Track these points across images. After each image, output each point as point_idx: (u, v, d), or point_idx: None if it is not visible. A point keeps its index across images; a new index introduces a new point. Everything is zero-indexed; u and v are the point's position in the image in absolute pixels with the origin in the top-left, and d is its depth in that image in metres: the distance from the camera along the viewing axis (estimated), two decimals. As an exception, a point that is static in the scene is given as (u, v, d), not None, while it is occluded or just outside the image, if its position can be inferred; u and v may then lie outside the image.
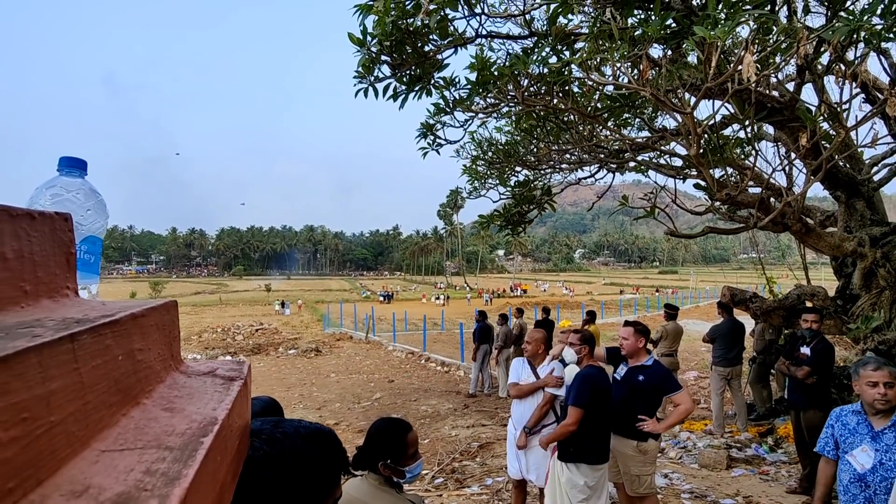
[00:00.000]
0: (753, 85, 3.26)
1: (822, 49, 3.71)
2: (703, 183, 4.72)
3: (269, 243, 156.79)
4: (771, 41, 3.48)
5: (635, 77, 3.58)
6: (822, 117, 4.02)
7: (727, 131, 5.27)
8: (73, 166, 0.64)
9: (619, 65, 3.60)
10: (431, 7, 3.70)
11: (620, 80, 3.70)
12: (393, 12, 3.85)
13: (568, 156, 6.55)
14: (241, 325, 22.30)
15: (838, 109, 3.71)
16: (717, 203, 4.81)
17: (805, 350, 4.60)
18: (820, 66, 4.24)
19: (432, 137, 5.25)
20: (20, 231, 0.32)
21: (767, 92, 4.36)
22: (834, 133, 4.15)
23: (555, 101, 4.33)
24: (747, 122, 4.16)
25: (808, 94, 4.41)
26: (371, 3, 3.86)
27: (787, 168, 4.66)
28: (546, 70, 4.04)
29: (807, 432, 4.48)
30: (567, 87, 4.27)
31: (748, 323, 6.77)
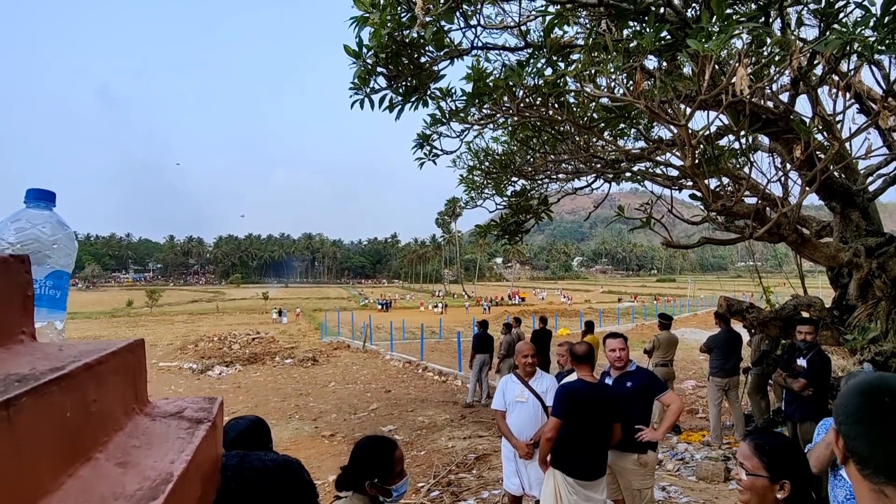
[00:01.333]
0: (748, 97, 3.27)
1: (816, 62, 3.73)
2: (698, 193, 4.73)
3: (267, 251, 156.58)
4: (765, 53, 3.50)
5: (630, 88, 3.59)
6: (816, 128, 4.04)
7: (722, 142, 5.29)
8: (41, 198, 0.63)
9: (613, 76, 3.61)
10: (427, 19, 3.71)
11: (615, 91, 3.71)
12: (389, 24, 3.86)
13: (564, 165, 6.57)
14: (238, 334, 22.19)
15: (832, 120, 3.72)
16: (713, 213, 4.81)
17: (801, 362, 4.59)
18: (814, 77, 4.26)
19: (429, 148, 5.25)
20: (-34, 280, 0.30)
21: (762, 103, 4.38)
22: (828, 144, 4.17)
23: (550, 112, 4.34)
24: (742, 134, 4.18)
25: (803, 105, 4.45)
26: (367, 15, 3.87)
27: (782, 179, 4.67)
28: (541, 81, 4.05)
29: (803, 444, 4.45)
30: (562, 99, 4.29)
31: (745, 333, 6.76)
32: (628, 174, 6.31)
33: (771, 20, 3.66)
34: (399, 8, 3.88)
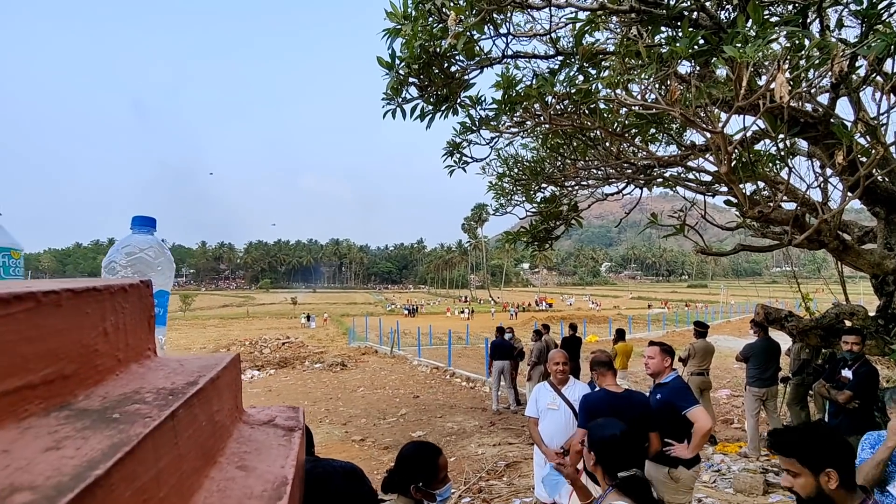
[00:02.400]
0: (786, 103, 3.21)
1: (858, 63, 3.63)
2: (734, 199, 4.63)
3: (296, 257, 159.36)
4: (804, 57, 3.42)
5: (663, 95, 3.56)
6: (858, 132, 3.92)
7: (758, 146, 5.18)
8: (144, 224, 0.69)
9: (646, 83, 3.59)
10: (458, 29, 3.76)
11: (648, 98, 3.69)
12: (420, 35, 3.93)
13: (595, 172, 6.52)
14: (268, 339, 22.64)
15: (876, 124, 3.61)
16: (749, 220, 4.71)
17: (847, 373, 4.44)
18: (855, 78, 4.14)
19: (458, 156, 5.30)
20: (117, 305, 0.35)
21: (801, 107, 4.28)
22: (872, 149, 4.04)
23: (581, 119, 4.34)
24: (780, 138, 4.09)
25: (844, 108, 4.32)
26: (399, 27, 3.94)
27: (822, 184, 4.54)
28: (573, 89, 4.05)
29: (849, 459, 4.30)
30: (594, 106, 4.28)
31: (783, 341, 6.56)
32: (660, 180, 6.22)
33: (809, 22, 3.58)
34: (431, 19, 3.95)
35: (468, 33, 3.85)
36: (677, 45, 3.17)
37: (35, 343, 0.26)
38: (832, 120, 4.04)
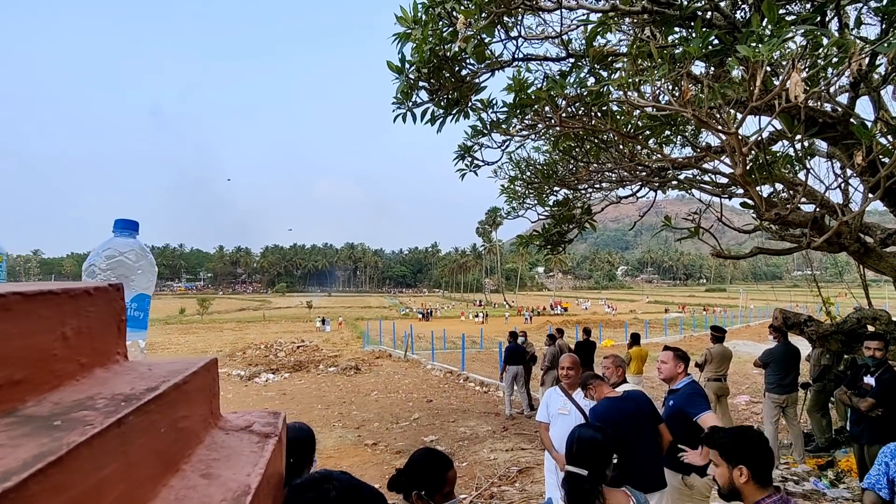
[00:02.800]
0: (802, 102, 3.14)
1: (878, 62, 3.55)
2: (750, 202, 4.55)
3: (311, 261, 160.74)
4: (821, 55, 3.35)
5: (676, 97, 3.51)
6: (879, 132, 3.82)
7: (776, 147, 5.08)
8: (126, 228, 0.69)
9: (659, 84, 3.55)
10: (468, 33, 3.75)
11: (661, 99, 3.64)
12: (430, 39, 3.93)
13: (608, 174, 6.46)
14: (283, 342, 22.82)
15: (897, 124, 3.52)
16: (767, 222, 4.61)
17: (869, 380, 4.31)
18: (876, 78, 4.04)
19: (470, 159, 5.29)
20: (80, 309, 0.34)
21: (819, 106, 4.18)
22: (893, 148, 3.93)
23: (593, 121, 4.30)
24: (797, 139, 4.00)
25: (864, 108, 4.22)
26: (409, 31, 3.95)
27: (842, 185, 4.43)
28: (584, 91, 4.02)
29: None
30: (605, 108, 4.24)
31: (803, 346, 6.41)
32: (675, 182, 6.14)
33: (828, 20, 3.51)
34: (441, 23, 3.95)
35: (478, 36, 3.85)
36: (690, 45, 3.12)
37: (-25, 348, 0.26)
38: (852, 120, 3.95)
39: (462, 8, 3.74)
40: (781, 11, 3.25)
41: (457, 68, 4.30)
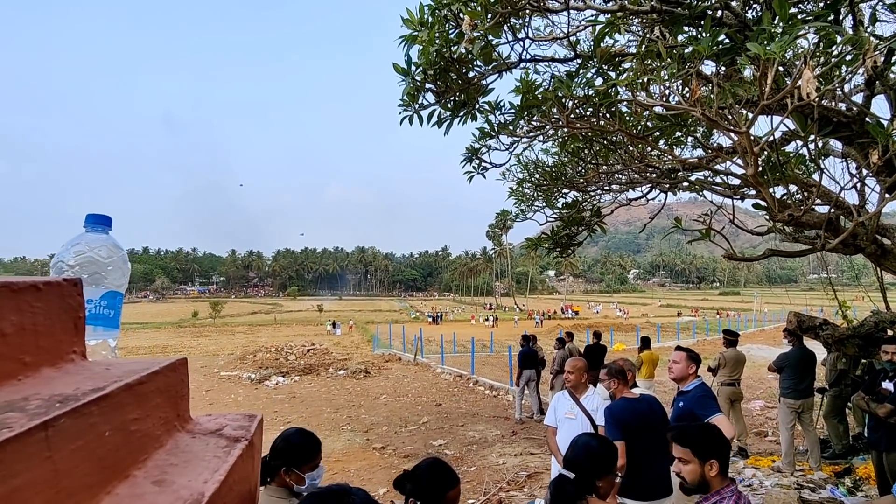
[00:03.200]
0: (815, 101, 3.07)
1: (894, 59, 3.46)
2: (763, 203, 4.46)
3: (322, 264, 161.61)
4: (835, 53, 3.28)
5: (685, 96, 3.46)
6: (895, 131, 3.73)
7: (789, 147, 4.99)
8: (98, 223, 0.67)
9: (667, 84, 3.50)
10: (475, 35, 3.74)
11: (670, 99, 3.59)
12: (437, 41, 3.92)
13: (618, 176, 6.39)
14: (294, 345, 22.90)
15: (915, 122, 3.43)
16: (780, 224, 4.53)
17: (888, 385, 4.20)
18: (892, 76, 3.95)
19: (478, 161, 5.26)
20: (22, 305, 0.32)
21: (832, 105, 4.10)
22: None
23: (602, 122, 4.25)
24: (811, 139, 3.92)
25: (880, 106, 4.12)
26: (415, 33, 3.95)
27: (857, 186, 4.33)
28: (592, 92, 3.98)
29: (891, 476, 4.06)
30: (614, 109, 4.19)
31: (818, 350, 6.28)
32: (686, 184, 6.05)
33: (841, 17, 3.44)
34: (447, 25, 3.94)
35: (485, 38, 3.83)
36: (700, 44, 3.07)
37: None
38: (867, 118, 3.86)
39: (468, 9, 3.72)
40: (793, 9, 3.20)
41: (464, 70, 4.28)
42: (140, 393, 0.37)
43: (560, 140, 5.66)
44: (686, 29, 3.87)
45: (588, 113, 4.29)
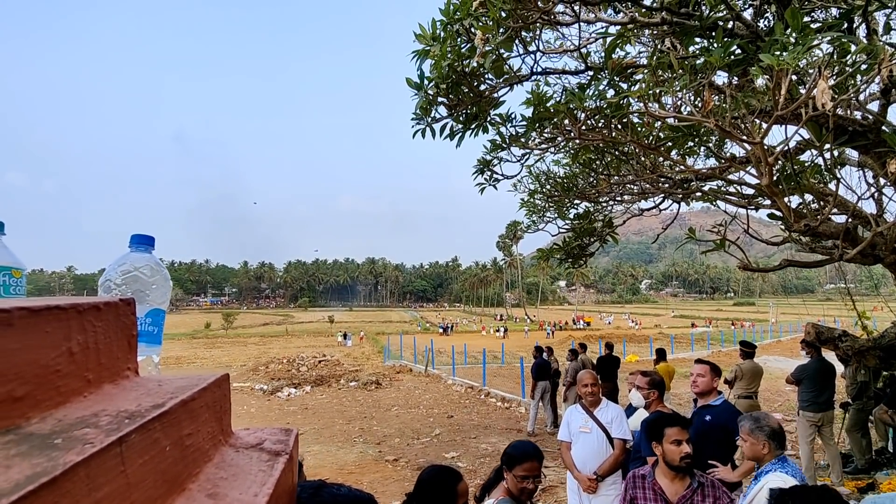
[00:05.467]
0: (830, 111, 3.05)
1: (910, 68, 3.44)
2: (778, 213, 4.43)
3: (333, 276, 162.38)
4: (849, 62, 3.27)
5: (698, 107, 3.46)
6: (913, 140, 3.69)
7: (804, 157, 4.96)
8: (142, 243, 0.70)
9: (679, 94, 3.50)
10: (486, 49, 3.78)
11: (683, 110, 3.59)
12: (449, 56, 3.97)
13: (630, 187, 6.38)
14: (305, 357, 22.96)
15: (932, 131, 3.40)
16: (796, 234, 4.48)
17: (909, 397, 4.12)
18: (908, 85, 3.92)
19: (489, 173, 5.29)
20: (86, 325, 0.34)
21: (848, 114, 4.07)
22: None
23: (613, 133, 4.26)
24: (826, 148, 3.89)
25: (896, 115, 4.08)
26: (428, 48, 4.00)
27: (875, 195, 4.28)
28: (604, 104, 4.00)
29: (917, 491, 3.96)
30: (626, 120, 4.20)
31: (835, 362, 6.16)
32: (699, 194, 6.02)
33: (855, 27, 3.43)
34: (459, 40, 3.99)
35: (497, 51, 3.87)
36: (712, 55, 3.08)
37: (-24, 363, 0.25)
38: (883, 127, 3.83)
39: (480, 24, 3.77)
40: (806, 19, 3.20)
41: (475, 83, 4.32)
42: (192, 409, 0.38)
43: (572, 151, 5.68)
44: (697, 40, 3.88)
45: (600, 124, 4.30)
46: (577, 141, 4.61)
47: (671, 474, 2.48)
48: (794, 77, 3.22)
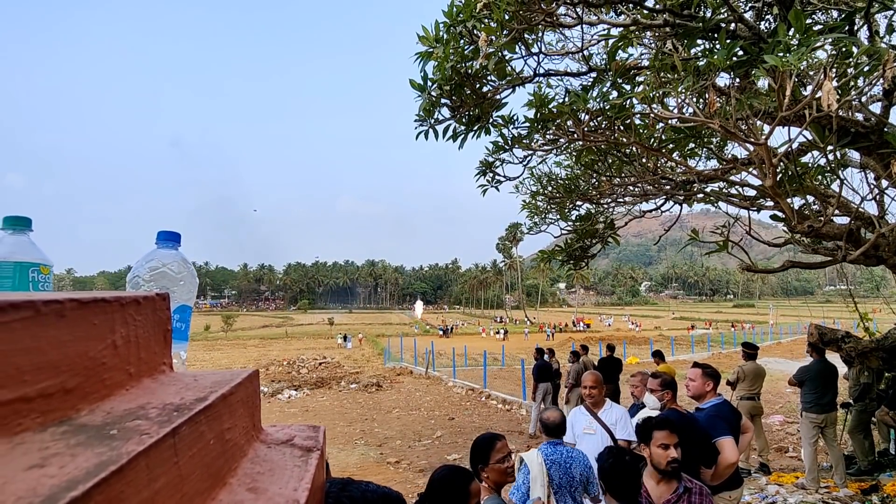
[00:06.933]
0: (834, 112, 3.06)
1: (912, 69, 3.44)
2: (780, 214, 4.43)
3: (333, 278, 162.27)
4: (852, 64, 3.27)
5: (701, 108, 3.46)
6: (916, 141, 3.70)
7: (806, 158, 4.96)
8: (169, 239, 0.70)
9: (683, 96, 3.51)
10: (489, 50, 3.79)
11: (686, 112, 3.59)
12: (452, 58, 3.97)
13: (631, 188, 6.38)
14: (306, 359, 22.96)
15: (935, 132, 3.40)
16: (799, 235, 4.48)
17: (913, 398, 4.11)
18: (910, 86, 3.92)
19: (491, 175, 5.29)
20: (128, 318, 0.34)
21: (850, 116, 4.08)
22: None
23: (616, 135, 4.26)
24: (829, 149, 3.90)
25: (899, 117, 4.08)
26: (431, 50, 4.01)
27: (878, 196, 4.29)
28: (607, 105, 4.00)
29: (921, 492, 3.96)
30: (629, 121, 4.20)
31: (837, 363, 6.16)
32: (700, 195, 6.03)
33: (857, 29, 3.44)
34: (462, 41, 4.00)
35: (500, 53, 3.87)
36: (715, 56, 3.08)
37: (32, 354, 0.25)
38: (886, 129, 3.84)
39: (483, 26, 3.77)
40: (808, 21, 3.20)
41: (478, 85, 4.33)
42: (231, 403, 0.38)
43: (574, 153, 5.68)
44: (699, 42, 3.89)
45: (603, 126, 4.31)
46: (580, 143, 4.62)
47: (657, 477, 2.49)
48: (795, 79, 3.22)
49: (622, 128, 4.21)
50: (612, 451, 2.43)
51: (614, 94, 4.06)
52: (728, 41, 3.27)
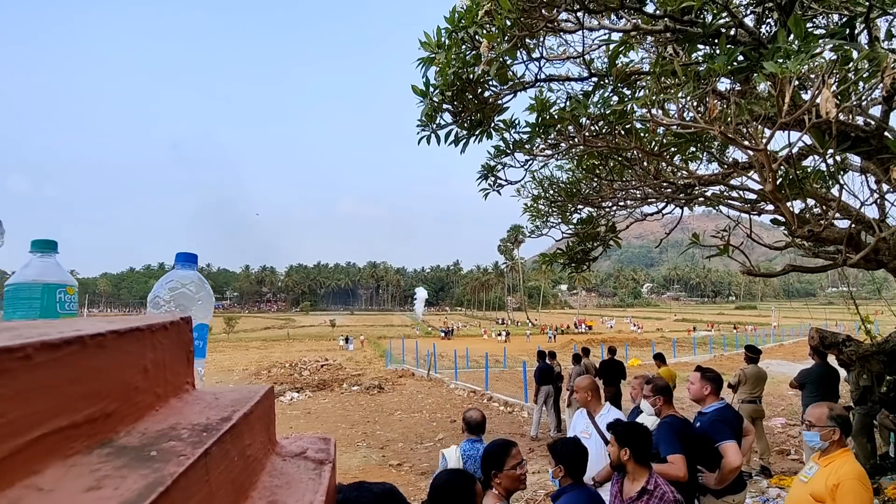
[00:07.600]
0: (834, 118, 3.08)
1: (912, 75, 3.46)
2: (781, 218, 4.45)
3: (335, 279, 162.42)
4: (852, 69, 3.29)
5: (702, 113, 3.49)
6: (915, 146, 3.71)
7: (806, 162, 4.98)
8: (187, 260, 0.73)
9: (683, 101, 3.53)
10: (491, 56, 3.82)
11: (686, 117, 3.62)
12: (454, 63, 4.00)
13: (633, 192, 6.40)
14: (307, 361, 22.99)
15: (935, 137, 3.42)
16: (799, 239, 4.50)
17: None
18: (910, 90, 3.94)
19: (493, 179, 5.32)
20: (156, 343, 0.37)
21: (850, 120, 4.09)
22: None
23: (617, 140, 4.29)
24: (829, 154, 3.92)
25: (899, 121, 4.10)
26: (433, 56, 4.04)
27: (878, 200, 4.30)
28: (608, 111, 4.03)
29: (922, 496, 3.96)
30: (629, 126, 4.23)
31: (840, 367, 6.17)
32: (701, 199, 6.05)
33: (857, 34, 3.46)
34: (464, 47, 4.03)
35: (501, 59, 3.90)
36: (715, 62, 3.11)
37: (80, 383, 0.28)
38: (886, 133, 3.86)
39: (485, 32, 3.81)
40: (808, 26, 3.23)
41: (480, 90, 4.36)
42: (251, 421, 0.41)
43: (576, 157, 5.70)
44: (700, 47, 3.91)
45: (604, 131, 4.33)
46: (581, 147, 4.64)
47: (630, 474, 2.62)
48: (795, 83, 3.25)
49: (623, 133, 4.24)
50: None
51: (615, 99, 4.09)
52: (728, 47, 3.29)
